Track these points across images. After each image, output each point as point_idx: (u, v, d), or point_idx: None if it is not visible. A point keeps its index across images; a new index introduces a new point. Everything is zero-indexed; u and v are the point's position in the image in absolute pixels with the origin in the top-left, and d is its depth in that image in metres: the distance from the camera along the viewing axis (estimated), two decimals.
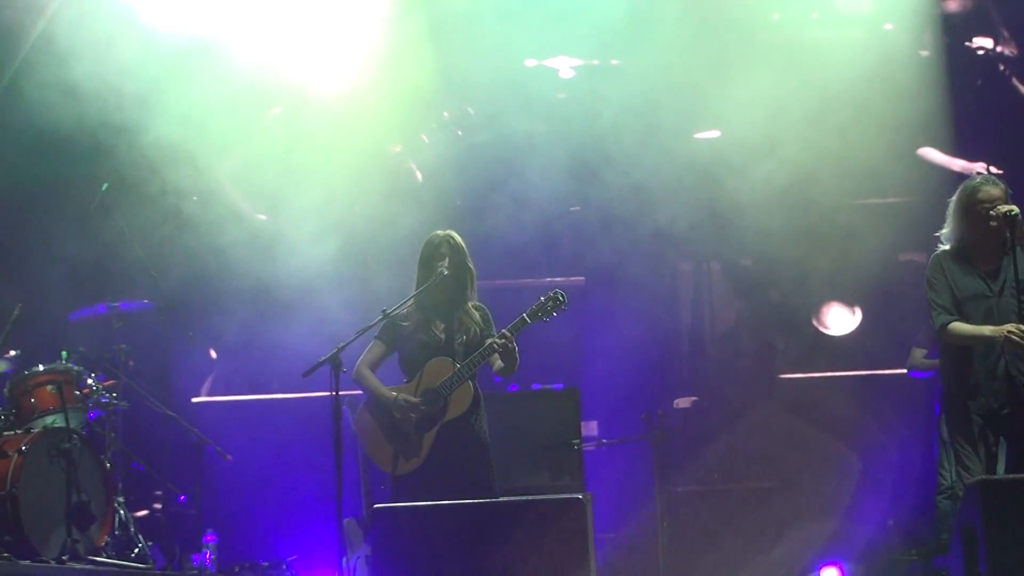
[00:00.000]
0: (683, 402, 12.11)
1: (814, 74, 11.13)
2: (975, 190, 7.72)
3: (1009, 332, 7.39)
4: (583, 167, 11.17)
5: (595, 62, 11.74)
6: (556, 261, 11.74)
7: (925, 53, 11.67)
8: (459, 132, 11.68)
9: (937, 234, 7.96)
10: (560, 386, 10.40)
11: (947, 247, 7.86)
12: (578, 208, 11.91)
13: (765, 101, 11.11)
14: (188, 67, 10.61)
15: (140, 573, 8.84)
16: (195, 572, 9.31)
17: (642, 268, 11.72)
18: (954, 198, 7.87)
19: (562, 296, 8.11)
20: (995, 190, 7.69)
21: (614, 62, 11.67)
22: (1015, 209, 7.51)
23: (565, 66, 11.77)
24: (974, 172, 10.43)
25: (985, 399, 7.60)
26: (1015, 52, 12.06)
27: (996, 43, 12.06)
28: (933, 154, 11.88)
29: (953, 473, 9.77)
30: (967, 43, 12.06)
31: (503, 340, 7.92)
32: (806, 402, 12.06)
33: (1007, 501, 6.48)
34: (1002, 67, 12.07)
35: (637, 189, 11.21)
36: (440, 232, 8.26)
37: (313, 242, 10.86)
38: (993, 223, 7.62)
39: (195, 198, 11.26)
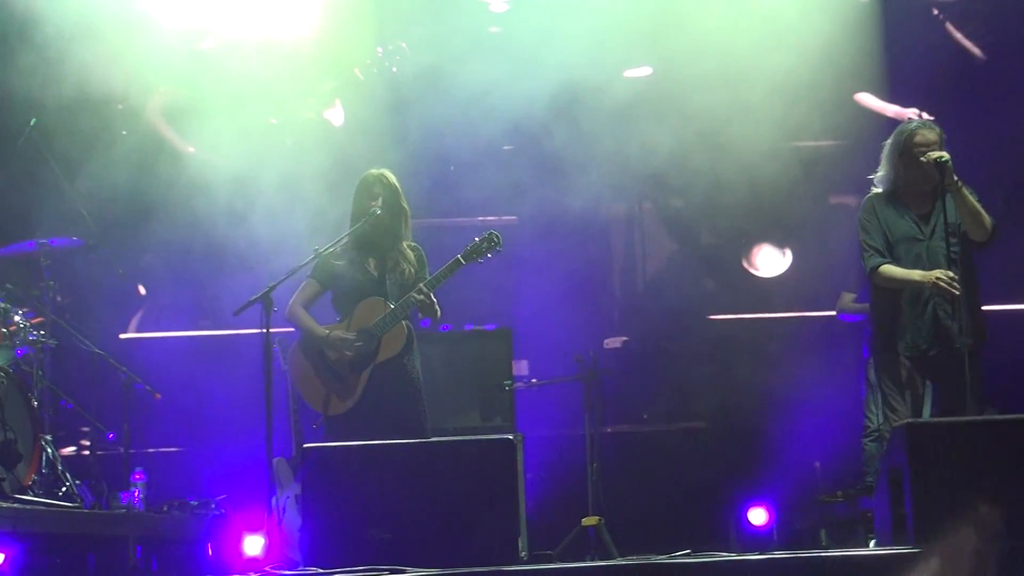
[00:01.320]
0: (614, 342, 12.15)
1: (749, 15, 11.12)
2: (912, 134, 7.79)
3: (937, 278, 7.49)
4: (516, 105, 11.11)
5: None
6: (489, 201, 11.69)
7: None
8: (393, 68, 11.58)
9: (870, 176, 8.02)
10: (492, 326, 10.42)
11: (880, 190, 7.92)
12: (511, 147, 11.88)
13: (699, 40, 11.08)
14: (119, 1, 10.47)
15: (68, 511, 8.77)
16: (123, 510, 9.26)
17: (574, 208, 11.70)
18: (889, 141, 7.94)
19: (497, 237, 8.13)
20: (931, 134, 7.76)
21: None
22: (945, 156, 7.58)
23: None
24: (907, 117, 10.49)
25: (912, 341, 7.70)
26: None
27: None
28: (869, 99, 11.93)
29: (880, 415, 9.90)
30: None
31: (421, 296, 7.93)
32: (736, 344, 12.14)
33: (933, 444, 6.56)
34: (936, 12, 12.13)
35: (571, 128, 11.17)
36: (374, 171, 8.25)
37: (245, 178, 10.75)
38: (920, 159, 7.68)
39: (124, 132, 11.13)
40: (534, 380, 10.62)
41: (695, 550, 7.23)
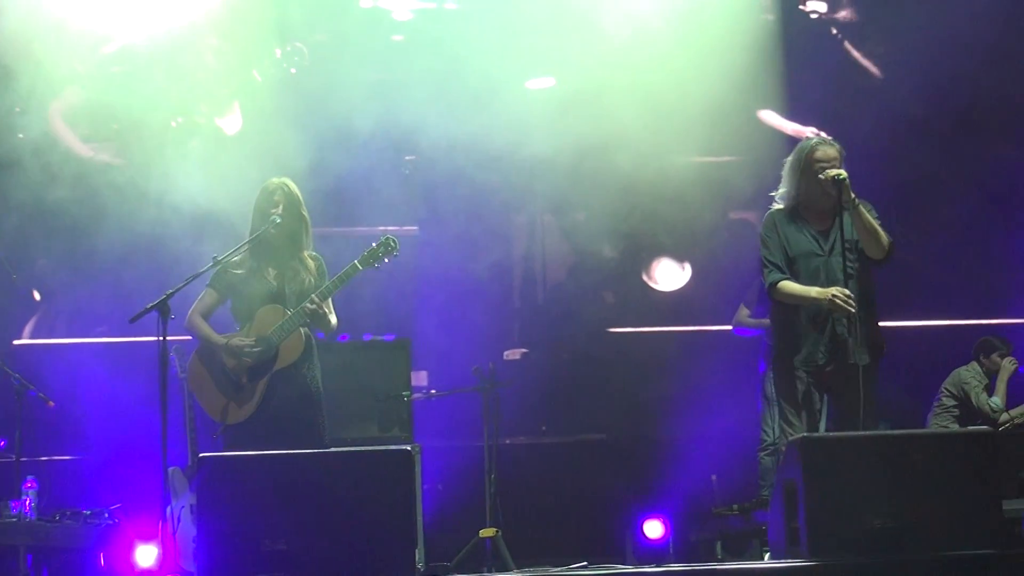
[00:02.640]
0: (513, 354, 12.17)
1: (652, 31, 11.20)
2: (812, 149, 7.85)
3: (834, 295, 7.55)
4: (419, 114, 11.09)
5: (432, 5, 11.66)
6: (390, 210, 11.66)
7: (768, 17, 11.82)
8: (292, 70, 11.50)
9: (772, 193, 8.07)
10: (391, 337, 10.38)
11: (781, 206, 7.99)
12: (414, 157, 11.86)
13: (601, 53, 11.15)
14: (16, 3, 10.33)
15: None
16: (14, 519, 9.12)
17: (476, 219, 11.71)
18: (790, 158, 7.99)
19: (393, 242, 8.12)
20: (831, 150, 7.83)
21: (450, 6, 11.61)
22: (843, 174, 7.65)
23: (401, 8, 11.66)
24: (805, 135, 10.61)
25: (809, 355, 7.75)
26: (851, 17, 12.28)
27: (831, 8, 12.26)
28: (770, 116, 12.06)
29: (776, 429, 10.00)
30: (801, 6, 12.25)
31: (312, 306, 7.89)
32: (635, 357, 12.21)
33: (826, 458, 6.63)
34: (835, 31, 12.28)
35: (473, 139, 11.16)
36: (275, 180, 8.18)
37: (145, 183, 10.64)
38: (818, 175, 7.76)
39: (21, 135, 10.97)
40: (433, 391, 10.60)
41: (591, 562, 7.27)
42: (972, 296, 12.58)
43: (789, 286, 7.79)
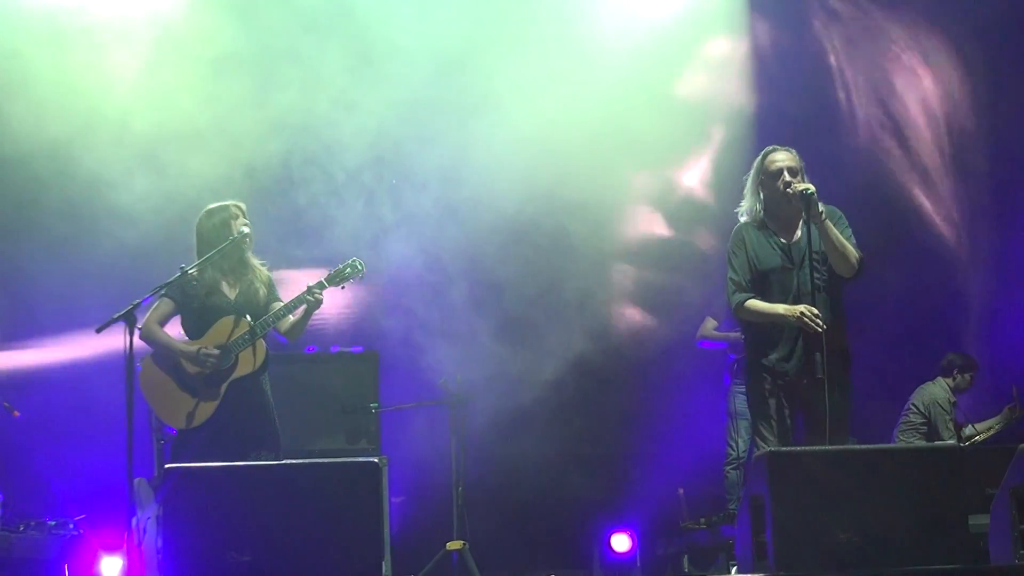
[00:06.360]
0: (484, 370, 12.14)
1: (626, 51, 11.25)
2: (765, 155, 7.90)
3: (802, 313, 7.55)
4: (393, 139, 11.10)
5: None
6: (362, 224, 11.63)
7: (740, 40, 11.88)
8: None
9: (736, 210, 8.08)
10: (359, 349, 10.37)
11: (747, 220, 7.99)
12: (395, 182, 11.81)
13: (578, 75, 11.17)
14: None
15: None
16: None
17: (446, 232, 11.68)
18: (751, 171, 8.00)
19: (360, 265, 8.18)
20: (780, 153, 7.86)
21: None
22: (811, 188, 7.66)
23: None
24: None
25: (781, 369, 7.75)
26: (828, 43, 12.34)
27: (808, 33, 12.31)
28: None
29: (741, 443, 10.01)
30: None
31: (315, 296, 7.93)
32: (603, 371, 12.20)
33: (793, 472, 6.63)
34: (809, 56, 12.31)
35: (455, 160, 11.18)
36: (222, 202, 8.24)
37: (107, 193, 10.59)
38: (786, 190, 7.76)
39: None
40: (401, 404, 10.60)
41: None
42: (938, 322, 12.63)
43: (755, 304, 7.79)
